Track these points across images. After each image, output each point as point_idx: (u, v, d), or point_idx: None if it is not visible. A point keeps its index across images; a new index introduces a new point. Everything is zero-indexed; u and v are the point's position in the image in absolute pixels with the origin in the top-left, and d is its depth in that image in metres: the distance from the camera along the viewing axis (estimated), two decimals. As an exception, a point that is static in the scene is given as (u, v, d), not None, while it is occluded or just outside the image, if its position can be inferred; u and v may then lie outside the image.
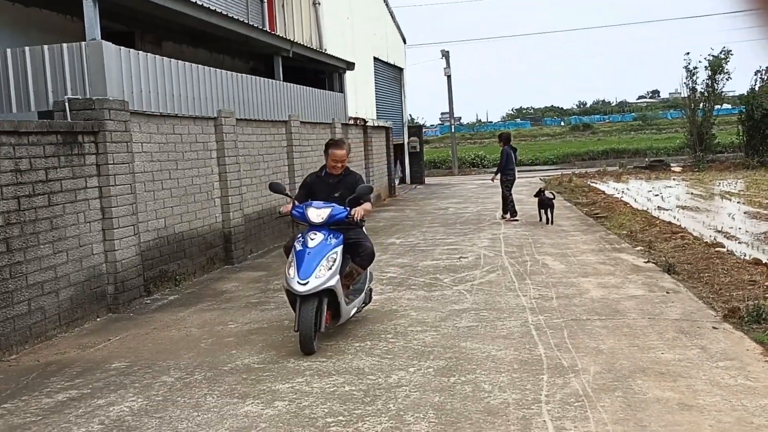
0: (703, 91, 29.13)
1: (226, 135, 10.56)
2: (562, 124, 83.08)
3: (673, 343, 5.76)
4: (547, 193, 14.46)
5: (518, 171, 16.37)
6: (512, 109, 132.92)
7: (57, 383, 5.44)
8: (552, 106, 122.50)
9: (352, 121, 18.56)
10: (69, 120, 7.49)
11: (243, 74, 11.92)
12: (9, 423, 4.64)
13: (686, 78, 29.17)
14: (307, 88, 15.08)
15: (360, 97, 21.13)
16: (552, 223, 13.81)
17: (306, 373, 5.42)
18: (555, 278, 8.58)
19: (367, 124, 19.70)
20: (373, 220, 16.55)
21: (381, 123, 22.50)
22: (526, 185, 25.12)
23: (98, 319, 7.51)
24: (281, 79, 13.81)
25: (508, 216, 14.76)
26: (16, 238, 6.37)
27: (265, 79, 12.85)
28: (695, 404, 4.48)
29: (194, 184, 9.76)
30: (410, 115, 78.64)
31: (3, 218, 6.23)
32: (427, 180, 30.50)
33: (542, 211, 14.09)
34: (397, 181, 25.51)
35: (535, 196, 14.44)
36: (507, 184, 14.78)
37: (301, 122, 14.07)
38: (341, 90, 18.12)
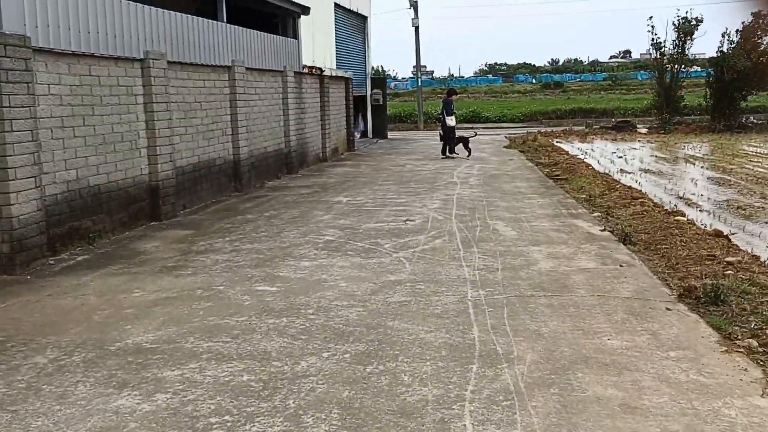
0: (672, 53, 28.56)
1: (155, 79, 9.59)
2: (534, 81, 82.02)
3: (621, 327, 5.17)
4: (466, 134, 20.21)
5: (484, 128, 20.21)
6: (485, 65, 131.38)
7: None
8: (525, 63, 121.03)
9: (306, 70, 17.58)
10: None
11: (176, 12, 10.91)
12: None
13: (651, 44, 28.65)
14: (254, 31, 14.06)
15: (318, 45, 20.07)
16: (469, 154, 18.91)
17: (203, 356, 4.71)
18: (504, 246, 7.94)
19: (324, 73, 18.71)
20: (325, 175, 15.77)
21: (340, 73, 21.51)
22: (489, 143, 24.51)
23: (-11, 282, 6.69)
24: (224, 20, 12.79)
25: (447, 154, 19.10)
26: None
27: (203, 19, 11.85)
28: (639, 406, 3.89)
29: (115, 132, 8.83)
30: (381, 66, 77.14)
31: None
32: (391, 134, 29.57)
33: (460, 145, 19.16)
34: (357, 135, 24.62)
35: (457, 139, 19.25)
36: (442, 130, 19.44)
37: (247, 68, 13.08)
38: (295, 36, 17.10)
